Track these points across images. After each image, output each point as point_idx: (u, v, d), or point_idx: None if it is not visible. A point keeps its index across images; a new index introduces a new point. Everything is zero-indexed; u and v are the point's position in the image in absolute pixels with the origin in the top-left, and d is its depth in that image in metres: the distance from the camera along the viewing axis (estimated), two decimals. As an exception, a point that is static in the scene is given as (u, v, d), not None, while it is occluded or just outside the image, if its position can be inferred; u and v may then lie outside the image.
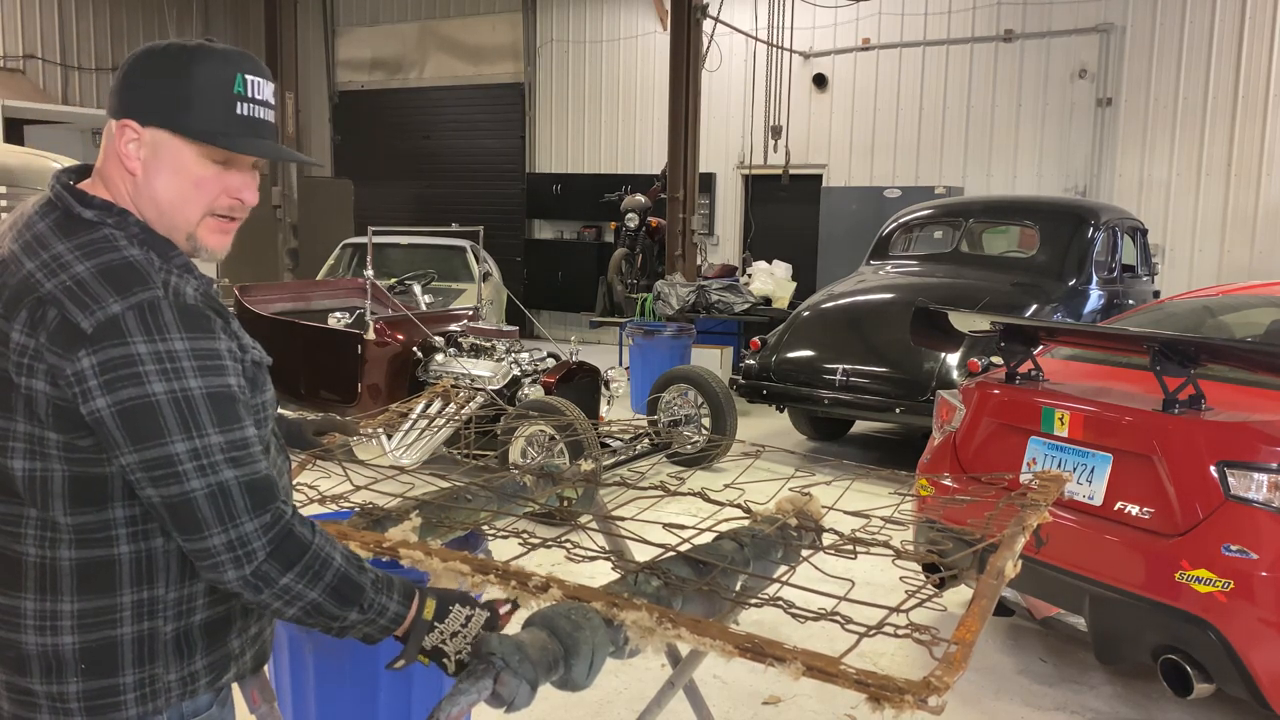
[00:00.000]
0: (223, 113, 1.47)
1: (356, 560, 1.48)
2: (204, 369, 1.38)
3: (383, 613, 1.49)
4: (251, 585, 1.39)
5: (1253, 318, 4.59)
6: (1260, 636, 3.11)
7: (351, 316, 7.11)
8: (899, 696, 1.16)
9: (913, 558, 1.66)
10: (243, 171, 1.51)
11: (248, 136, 1.49)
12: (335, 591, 1.43)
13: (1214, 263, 10.85)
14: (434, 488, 2.37)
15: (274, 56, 11.70)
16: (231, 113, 1.48)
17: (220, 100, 1.47)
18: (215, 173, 1.49)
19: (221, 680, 1.55)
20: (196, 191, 1.48)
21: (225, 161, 1.49)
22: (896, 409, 6.70)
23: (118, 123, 1.46)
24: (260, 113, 1.52)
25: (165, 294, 1.38)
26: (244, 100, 1.49)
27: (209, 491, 1.35)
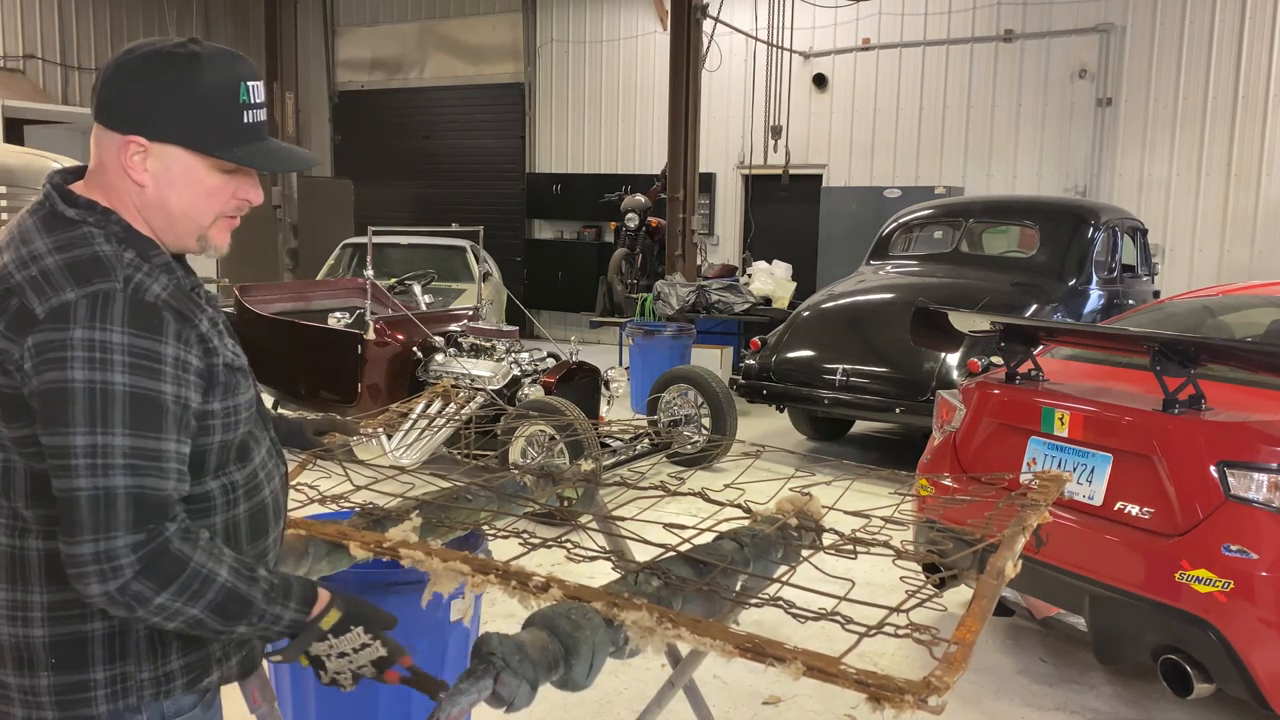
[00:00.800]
0: (232, 124, 1.49)
1: (248, 571, 1.44)
2: (135, 368, 1.35)
3: (277, 621, 1.47)
4: (119, 603, 1.34)
5: (1253, 318, 4.59)
6: (1260, 636, 3.11)
7: (351, 316, 7.11)
8: (899, 696, 1.16)
9: (913, 558, 1.66)
10: (248, 175, 1.55)
11: (256, 143, 1.52)
12: (219, 608, 1.40)
13: (1214, 263, 10.85)
14: (434, 488, 2.37)
15: (274, 56, 11.70)
16: (239, 123, 1.49)
17: (229, 112, 1.48)
18: (224, 180, 1.51)
19: (202, 682, 1.54)
20: (209, 200, 1.51)
21: (234, 170, 1.52)
22: (896, 409, 6.70)
23: (123, 137, 1.44)
24: (260, 116, 1.54)
25: (124, 288, 1.38)
26: (248, 108, 1.51)
27: (93, 494, 1.31)
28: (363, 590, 2.45)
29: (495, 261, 11.91)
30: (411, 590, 2.34)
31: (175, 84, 1.44)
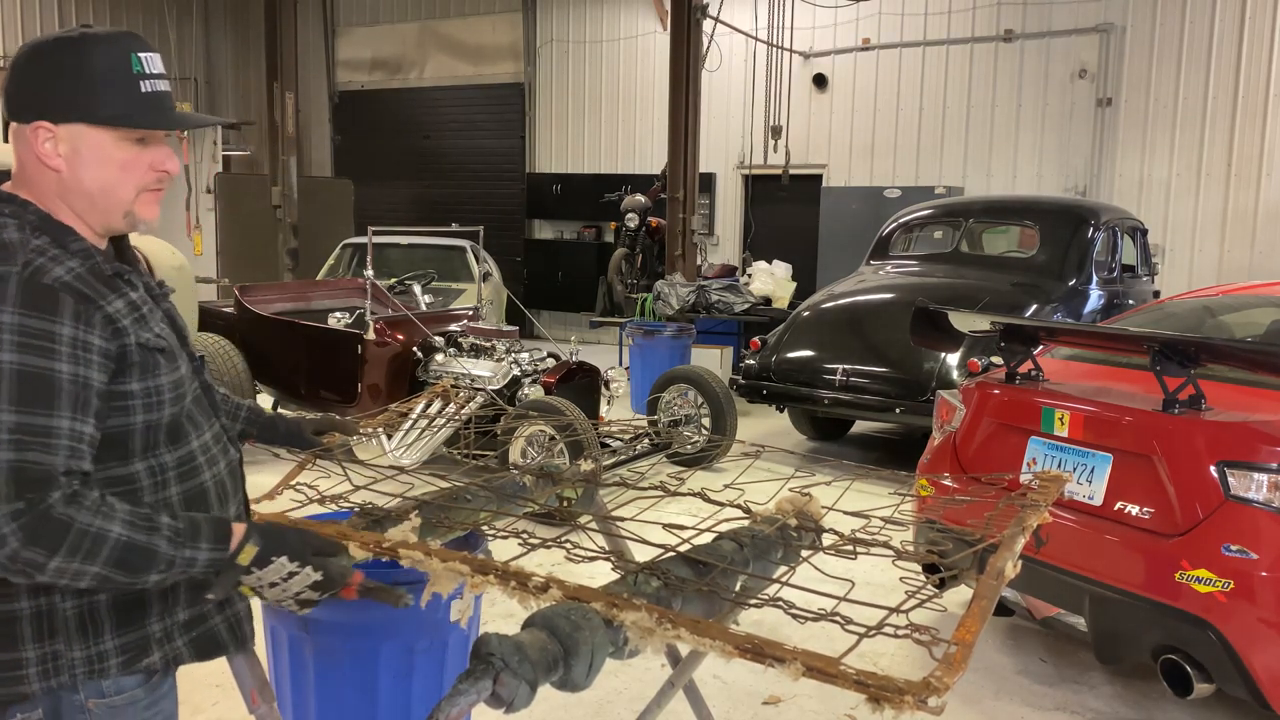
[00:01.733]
0: (129, 94, 1.55)
1: (145, 522, 1.45)
2: (25, 346, 1.39)
3: (191, 563, 1.49)
4: (14, 570, 1.38)
5: (1253, 318, 4.59)
6: (1260, 636, 3.11)
7: (351, 316, 7.11)
8: (899, 697, 1.16)
9: (913, 558, 1.66)
10: (160, 145, 1.61)
11: (157, 111, 1.58)
12: (121, 562, 1.42)
13: (1214, 263, 10.85)
14: (434, 488, 2.37)
15: (274, 56, 11.69)
16: (137, 92, 1.55)
17: (124, 83, 1.54)
18: (137, 153, 1.57)
19: (141, 663, 1.56)
20: (124, 174, 1.56)
21: (143, 140, 1.57)
22: (896, 409, 6.70)
23: (30, 126, 1.50)
24: (160, 85, 1.60)
25: (22, 271, 1.43)
26: (144, 78, 1.57)
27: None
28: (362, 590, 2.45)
29: (495, 261, 11.91)
30: (411, 590, 2.35)
31: (67, 65, 1.50)
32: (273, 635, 2.57)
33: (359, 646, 2.49)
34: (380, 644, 2.49)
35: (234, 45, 16.92)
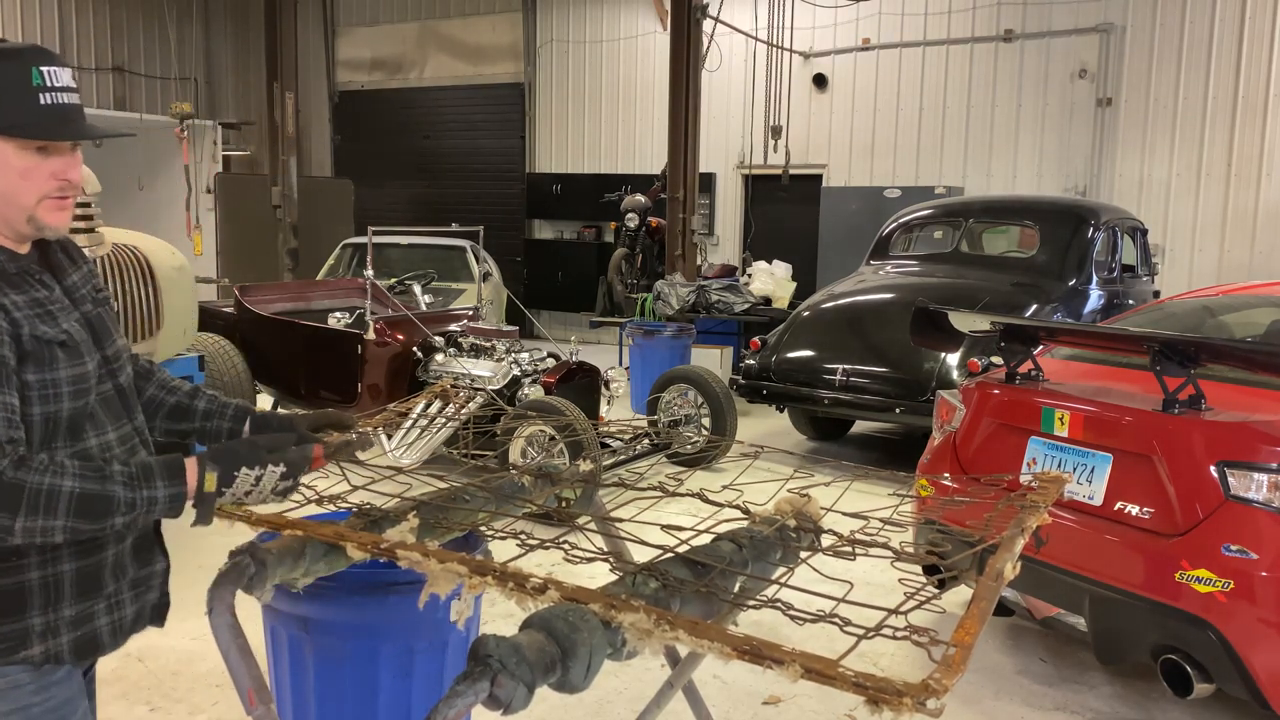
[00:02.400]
0: (29, 105, 1.62)
1: (96, 473, 1.55)
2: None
3: (153, 503, 1.59)
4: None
5: (1253, 318, 4.59)
6: (1260, 636, 3.10)
7: (351, 316, 7.11)
8: (897, 699, 1.16)
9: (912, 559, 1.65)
10: (63, 155, 1.67)
11: (57, 123, 1.65)
12: (82, 512, 1.53)
13: (1214, 263, 10.85)
14: (432, 488, 2.37)
15: (274, 56, 11.69)
16: (37, 104, 1.63)
17: (23, 95, 1.62)
18: (37, 161, 1.64)
19: (19, 654, 1.61)
20: (25, 181, 1.64)
21: (44, 149, 1.64)
22: (896, 409, 6.70)
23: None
24: (65, 98, 1.67)
25: None
26: (45, 90, 1.64)
27: None
28: (361, 590, 2.45)
29: (495, 261, 11.91)
30: (410, 590, 2.34)
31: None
32: (272, 635, 2.57)
33: (359, 646, 2.49)
34: (380, 644, 2.49)
35: (234, 45, 16.92)
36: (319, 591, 2.22)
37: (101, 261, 5.31)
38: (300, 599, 2.24)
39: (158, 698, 3.66)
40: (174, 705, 3.61)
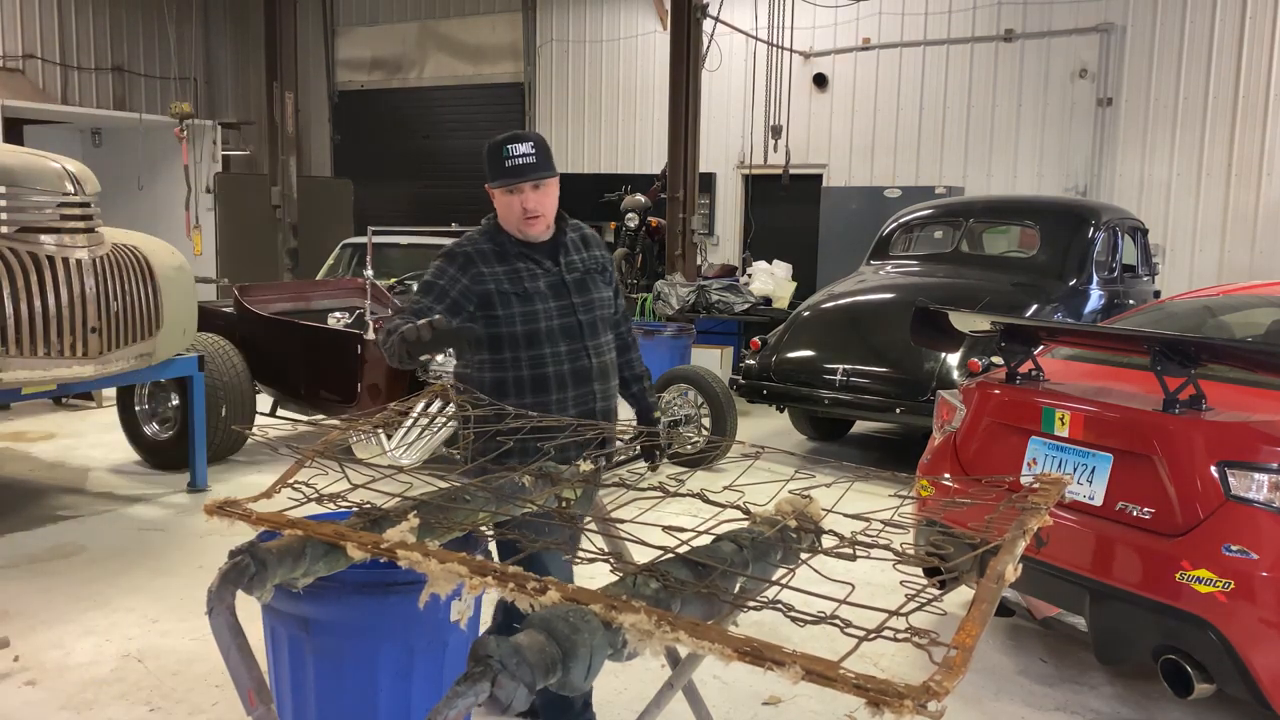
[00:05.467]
0: (500, 168, 2.94)
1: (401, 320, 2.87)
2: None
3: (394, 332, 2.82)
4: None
5: (1253, 318, 4.59)
6: (1261, 636, 3.10)
7: (351, 316, 7.10)
8: (898, 701, 1.15)
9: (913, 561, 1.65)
10: (523, 194, 2.94)
11: (513, 176, 2.91)
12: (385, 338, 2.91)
13: (1214, 263, 10.85)
14: (432, 488, 2.36)
15: (274, 56, 11.69)
16: (502, 167, 2.92)
17: (499, 162, 2.94)
18: (510, 199, 2.96)
19: None
20: (508, 211, 3.01)
21: (512, 191, 2.94)
22: (897, 409, 6.69)
23: None
24: (521, 161, 2.92)
25: None
26: (509, 158, 2.91)
27: None
28: (361, 590, 2.45)
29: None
30: (410, 590, 2.34)
31: None
32: (272, 635, 2.57)
33: (359, 646, 2.48)
34: (380, 644, 2.49)
35: (234, 45, 16.92)
36: (319, 591, 2.21)
37: (101, 261, 5.31)
38: (300, 599, 2.24)
39: (158, 698, 3.65)
40: (174, 705, 3.61)
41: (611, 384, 3.18)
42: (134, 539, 5.42)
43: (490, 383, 3.04)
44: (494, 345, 3.01)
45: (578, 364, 3.04)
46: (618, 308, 3.29)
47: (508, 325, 2.97)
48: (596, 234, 3.33)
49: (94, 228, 5.38)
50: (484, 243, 3.04)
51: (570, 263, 3.10)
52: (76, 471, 6.81)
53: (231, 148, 15.54)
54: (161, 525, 5.68)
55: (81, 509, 5.96)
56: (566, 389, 3.03)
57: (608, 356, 3.15)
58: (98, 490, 6.38)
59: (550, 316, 3.00)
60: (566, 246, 3.13)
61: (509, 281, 2.97)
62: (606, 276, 3.20)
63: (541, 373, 3.01)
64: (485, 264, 2.98)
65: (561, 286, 3.05)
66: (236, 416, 6.77)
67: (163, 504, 6.09)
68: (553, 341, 3.00)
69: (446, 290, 2.96)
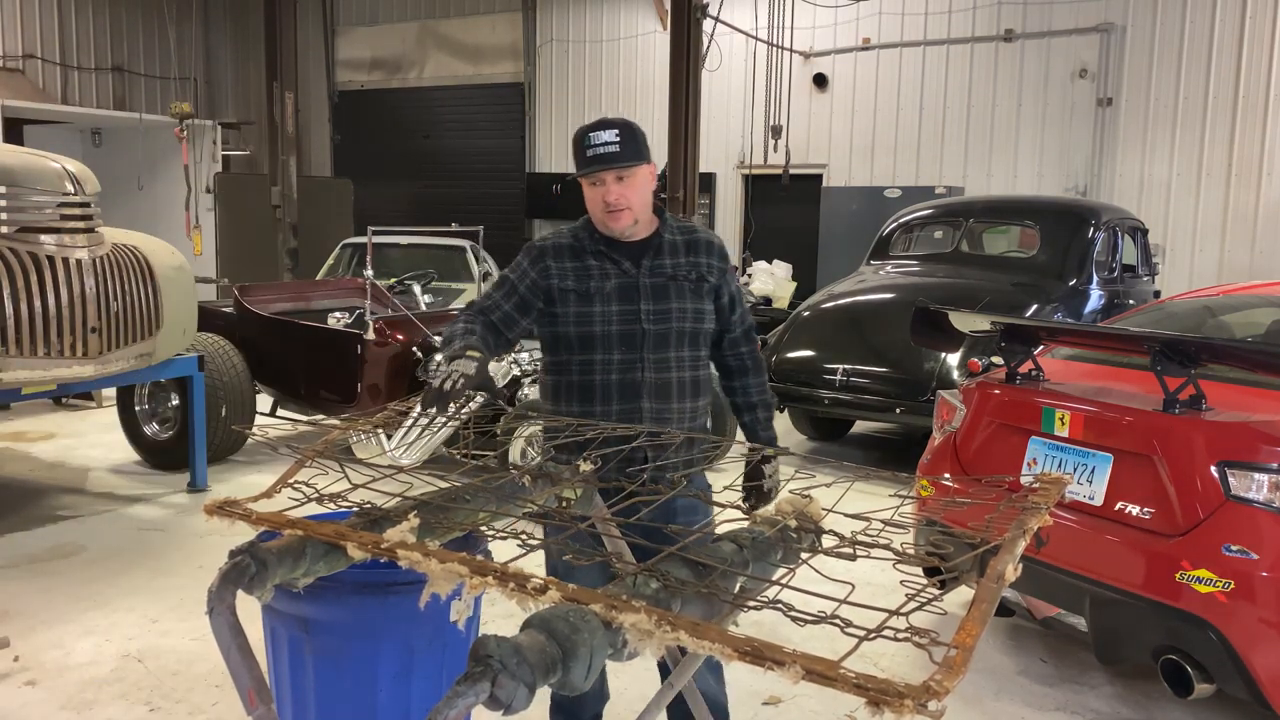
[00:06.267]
0: (582, 158, 2.71)
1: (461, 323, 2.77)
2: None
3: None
4: None
5: (1253, 318, 4.59)
6: (1261, 636, 3.10)
7: (351, 316, 7.10)
8: (898, 701, 1.15)
9: (913, 561, 1.65)
10: (604, 186, 2.70)
11: (594, 166, 2.68)
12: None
13: (1214, 263, 10.85)
14: (433, 488, 2.36)
15: (274, 56, 11.68)
16: (585, 157, 2.69)
17: (581, 152, 2.71)
18: (593, 192, 2.73)
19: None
20: (591, 204, 2.79)
21: (594, 183, 2.71)
22: (897, 409, 6.69)
23: None
24: (602, 150, 2.67)
25: None
26: (589, 147, 2.67)
27: None
28: (361, 590, 2.45)
29: (495, 261, 11.90)
30: (410, 590, 2.34)
31: None
32: (272, 635, 2.57)
33: (359, 646, 2.48)
34: (380, 644, 2.49)
35: (234, 45, 16.92)
36: (319, 591, 2.21)
37: (101, 261, 5.31)
38: (300, 599, 2.24)
39: (158, 698, 3.65)
40: (174, 705, 3.61)
41: (673, 405, 2.80)
42: (134, 539, 5.42)
43: (548, 385, 2.86)
44: (552, 345, 2.81)
45: (628, 375, 2.74)
46: (730, 324, 2.95)
47: (564, 325, 2.75)
48: (716, 240, 2.95)
49: (94, 228, 5.38)
50: (566, 236, 2.85)
51: (657, 266, 2.79)
52: (76, 471, 6.81)
53: (231, 148, 15.55)
54: (161, 525, 5.68)
55: (81, 509, 5.96)
56: (611, 401, 2.75)
57: (674, 374, 2.79)
58: (98, 490, 6.38)
59: (608, 321, 2.73)
60: (661, 248, 2.81)
61: (574, 279, 2.75)
62: (705, 287, 2.83)
63: (588, 380, 2.76)
64: (556, 259, 2.79)
65: (633, 290, 2.75)
66: (236, 416, 6.77)
67: (163, 504, 6.09)
68: (606, 348, 2.73)
69: (515, 286, 2.78)
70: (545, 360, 2.86)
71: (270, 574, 1.84)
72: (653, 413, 2.75)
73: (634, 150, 2.71)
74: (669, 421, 2.75)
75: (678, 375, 2.79)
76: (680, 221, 2.95)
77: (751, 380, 3.03)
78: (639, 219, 2.78)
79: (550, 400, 2.84)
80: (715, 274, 2.87)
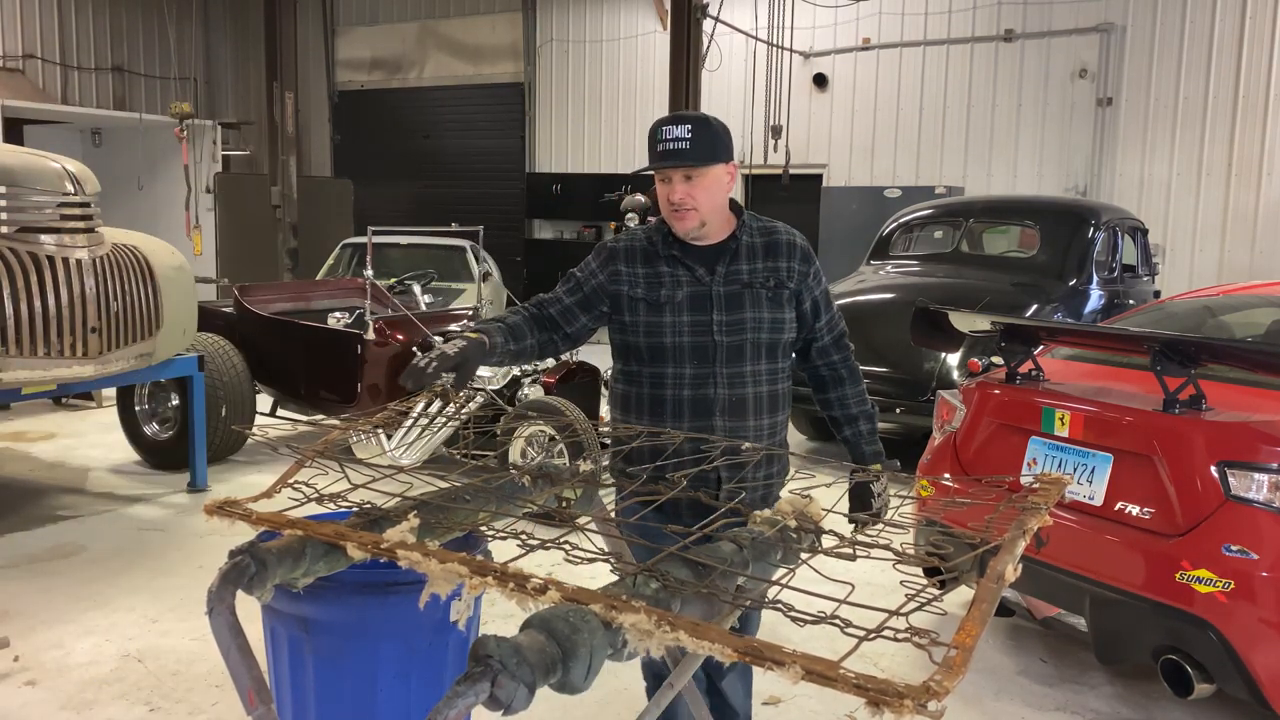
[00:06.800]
0: (652, 153, 2.50)
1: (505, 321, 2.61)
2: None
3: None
4: None
5: (1253, 318, 4.59)
6: (1261, 636, 3.10)
7: (351, 316, 7.10)
8: (898, 701, 1.15)
9: (913, 561, 1.65)
10: (671, 184, 2.50)
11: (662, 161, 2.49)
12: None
13: (1214, 263, 10.85)
14: (432, 488, 2.36)
15: (274, 56, 11.69)
16: (655, 151, 2.48)
17: (651, 147, 2.51)
18: (662, 189, 2.53)
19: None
20: (661, 202, 2.56)
21: (663, 180, 2.51)
22: (897, 409, 6.69)
23: None
24: (672, 145, 2.48)
25: None
26: (660, 141, 2.48)
27: None
28: (361, 590, 2.45)
29: (495, 261, 11.90)
30: (410, 590, 2.34)
31: None
32: (272, 635, 2.57)
33: (359, 646, 2.48)
34: (380, 644, 2.49)
35: (234, 45, 16.92)
36: (319, 591, 2.21)
37: (101, 261, 5.31)
38: (300, 599, 2.24)
39: (158, 698, 3.65)
40: (174, 705, 3.61)
41: (749, 422, 2.64)
42: (134, 539, 5.42)
43: (619, 395, 2.72)
44: (623, 354, 2.67)
45: (700, 391, 2.57)
46: (816, 332, 2.83)
47: (633, 335, 2.59)
48: (799, 240, 2.80)
49: (94, 228, 5.38)
50: (640, 239, 2.65)
51: (732, 273, 2.61)
52: (76, 471, 6.81)
53: (231, 148, 15.55)
54: (161, 525, 5.68)
55: (81, 509, 5.96)
56: (682, 418, 2.58)
57: (749, 389, 2.63)
58: (98, 490, 6.38)
59: (679, 332, 2.57)
60: (737, 252, 2.65)
61: (644, 286, 2.58)
62: (784, 294, 2.69)
63: (659, 394, 2.60)
64: (628, 262, 2.61)
65: (705, 299, 2.58)
66: (236, 416, 6.77)
67: (163, 504, 6.09)
68: (677, 361, 2.57)
69: (581, 284, 2.64)
70: (616, 368, 2.73)
71: (270, 574, 1.84)
72: (727, 432, 2.58)
73: (706, 149, 2.54)
74: (744, 438, 2.59)
75: (754, 390, 2.65)
76: (761, 220, 2.79)
77: (849, 390, 2.89)
78: (707, 221, 2.60)
79: (620, 411, 2.70)
80: (796, 278, 2.73)
